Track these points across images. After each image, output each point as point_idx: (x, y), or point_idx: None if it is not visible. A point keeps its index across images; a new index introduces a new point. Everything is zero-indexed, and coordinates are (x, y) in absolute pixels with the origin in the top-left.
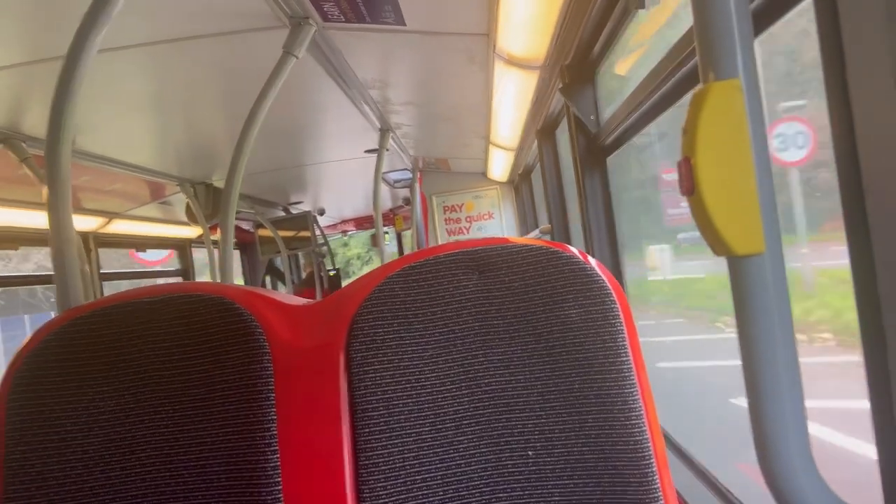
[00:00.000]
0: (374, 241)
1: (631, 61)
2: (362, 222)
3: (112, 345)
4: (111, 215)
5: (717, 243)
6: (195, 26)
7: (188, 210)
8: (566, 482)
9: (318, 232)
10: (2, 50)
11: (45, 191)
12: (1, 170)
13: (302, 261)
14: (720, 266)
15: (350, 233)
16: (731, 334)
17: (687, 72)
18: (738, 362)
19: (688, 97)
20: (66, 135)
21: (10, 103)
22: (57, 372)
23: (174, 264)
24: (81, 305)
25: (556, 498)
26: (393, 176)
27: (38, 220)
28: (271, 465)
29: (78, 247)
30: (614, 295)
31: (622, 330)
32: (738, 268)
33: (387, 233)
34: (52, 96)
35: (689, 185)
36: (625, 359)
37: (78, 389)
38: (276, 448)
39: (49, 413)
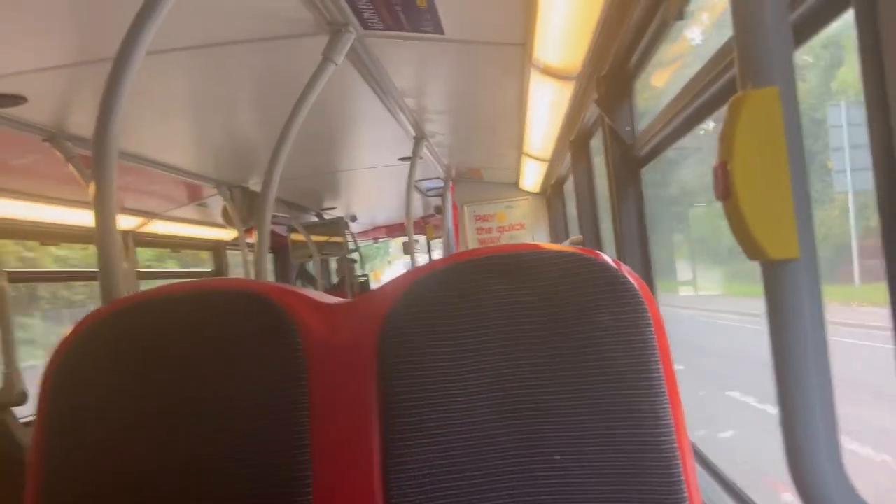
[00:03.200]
0: (406, 249)
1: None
2: (394, 230)
3: (151, 337)
4: (150, 215)
5: (751, 247)
6: (237, 31)
7: (224, 213)
8: (596, 494)
9: (349, 238)
10: (51, 51)
11: (91, 189)
12: (46, 168)
13: (333, 266)
14: None
15: (381, 240)
16: None
17: (724, 84)
18: None
19: (721, 108)
20: (113, 135)
21: (58, 103)
22: (98, 363)
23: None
24: (122, 298)
25: None
26: (426, 184)
27: (80, 217)
28: (303, 459)
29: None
30: (646, 303)
31: (653, 339)
32: (772, 272)
33: (417, 241)
34: (101, 97)
35: (725, 190)
36: (655, 368)
37: (119, 381)
38: (308, 445)
39: (91, 404)
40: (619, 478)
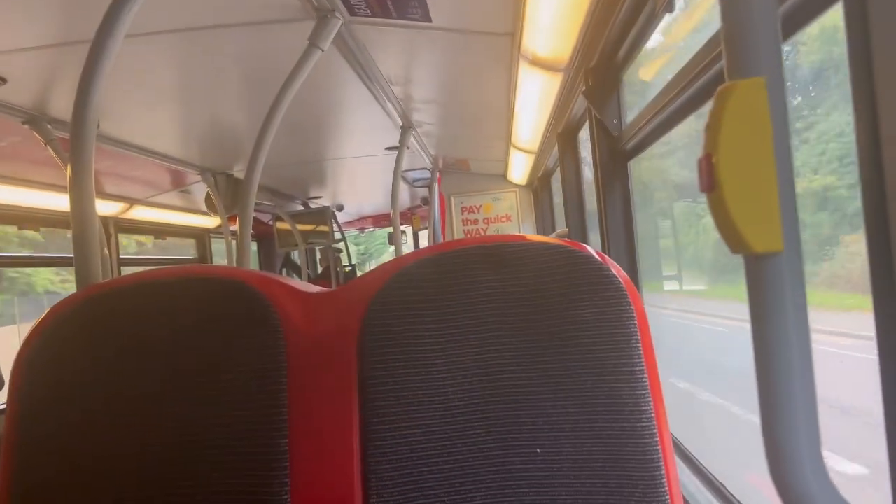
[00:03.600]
0: (392, 240)
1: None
2: (380, 220)
3: (129, 323)
4: (132, 201)
5: (734, 240)
6: (222, 15)
7: (208, 199)
8: (573, 481)
9: (335, 227)
10: (32, 32)
11: (68, 171)
12: (25, 151)
13: (318, 256)
14: None
15: (368, 230)
16: None
17: (712, 76)
18: None
19: (708, 102)
20: (91, 117)
21: (37, 84)
22: (73, 348)
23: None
24: (99, 283)
25: (563, 497)
26: (413, 174)
27: (60, 202)
28: (280, 448)
29: (98, 231)
30: (629, 297)
31: (636, 332)
32: (755, 266)
33: (404, 232)
34: (79, 79)
35: (710, 182)
36: (637, 361)
37: (93, 365)
38: (286, 432)
39: (63, 388)
40: (598, 465)
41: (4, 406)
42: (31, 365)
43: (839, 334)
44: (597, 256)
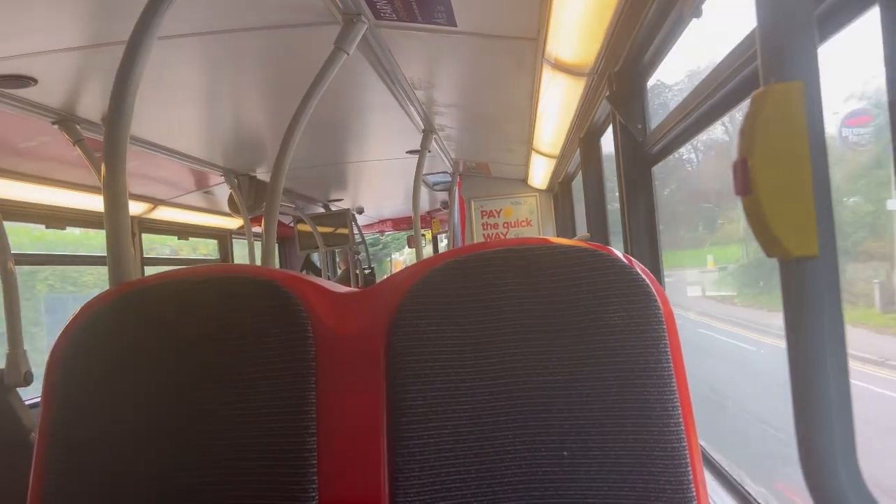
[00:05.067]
0: (412, 243)
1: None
2: (400, 223)
3: (160, 320)
4: (156, 202)
5: (770, 244)
6: (249, 18)
7: (230, 201)
8: (600, 485)
9: (355, 230)
10: (63, 33)
11: (102, 173)
12: (53, 151)
13: (338, 258)
14: None
15: (387, 233)
16: None
17: (740, 81)
18: None
19: (735, 108)
20: (125, 118)
21: (67, 85)
22: (106, 343)
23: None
24: (132, 281)
25: (590, 500)
26: (433, 178)
27: (85, 201)
28: (308, 446)
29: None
30: (658, 300)
31: (664, 336)
32: (791, 270)
33: (423, 235)
34: (114, 80)
35: (745, 186)
36: (666, 365)
37: (125, 361)
38: (314, 431)
39: (96, 382)
40: (625, 468)
41: (35, 400)
42: (66, 360)
43: None
44: (624, 259)
